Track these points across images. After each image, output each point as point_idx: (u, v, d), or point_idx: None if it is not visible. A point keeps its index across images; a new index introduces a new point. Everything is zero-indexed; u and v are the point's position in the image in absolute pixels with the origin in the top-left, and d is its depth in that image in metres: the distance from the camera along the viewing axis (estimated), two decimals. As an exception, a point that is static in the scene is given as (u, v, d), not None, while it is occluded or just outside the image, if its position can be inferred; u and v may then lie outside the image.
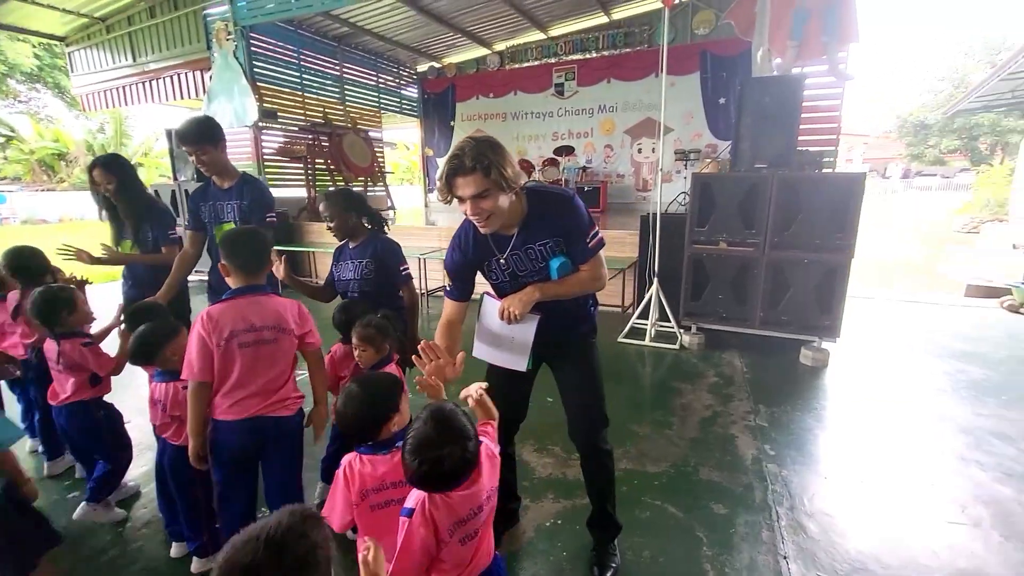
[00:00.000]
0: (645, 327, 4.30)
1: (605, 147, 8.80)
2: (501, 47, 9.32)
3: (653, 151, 8.37)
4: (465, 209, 1.44)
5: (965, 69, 27.61)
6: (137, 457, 2.25)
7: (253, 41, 6.74)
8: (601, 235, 1.60)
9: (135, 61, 7.58)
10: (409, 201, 13.69)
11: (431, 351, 1.42)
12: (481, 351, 1.70)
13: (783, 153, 3.78)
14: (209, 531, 1.82)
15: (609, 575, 1.77)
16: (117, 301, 2.45)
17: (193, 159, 2.42)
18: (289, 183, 7.63)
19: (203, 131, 2.37)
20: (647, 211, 4.57)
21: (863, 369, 3.73)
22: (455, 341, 1.61)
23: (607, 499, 1.83)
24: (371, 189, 8.87)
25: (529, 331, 1.59)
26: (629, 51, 8.31)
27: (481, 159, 1.34)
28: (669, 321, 4.24)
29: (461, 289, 1.68)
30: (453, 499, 1.08)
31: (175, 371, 1.73)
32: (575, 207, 1.55)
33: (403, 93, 10.02)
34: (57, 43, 8.25)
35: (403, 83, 9.98)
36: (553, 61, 8.94)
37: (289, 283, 2.29)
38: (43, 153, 18.98)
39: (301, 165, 7.62)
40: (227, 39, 6.50)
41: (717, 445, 2.67)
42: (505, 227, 1.53)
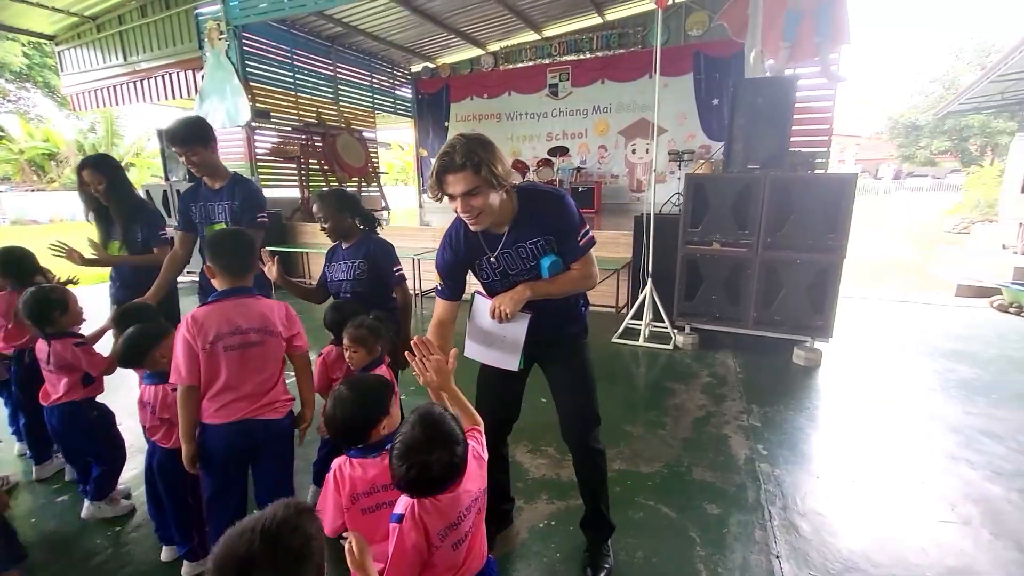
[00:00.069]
0: (639, 327, 4.31)
1: (599, 148, 8.82)
2: (495, 48, 9.33)
3: (647, 152, 8.40)
4: (456, 206, 1.43)
5: (956, 71, 27.96)
6: (128, 460, 2.23)
7: (246, 41, 6.71)
8: (592, 234, 1.60)
9: (126, 60, 7.52)
10: (403, 202, 13.65)
11: (424, 347, 1.41)
12: (473, 351, 1.69)
13: (776, 154, 3.80)
14: (199, 535, 1.80)
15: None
16: (106, 303, 2.43)
17: (183, 160, 2.40)
18: (282, 183, 7.59)
19: (192, 132, 2.35)
20: (641, 212, 4.58)
21: (855, 369, 3.75)
22: (447, 340, 1.61)
23: (600, 499, 1.82)
24: (365, 190, 8.84)
25: (520, 330, 1.59)
26: (623, 52, 8.34)
27: (472, 156, 1.34)
28: (663, 321, 4.25)
29: (452, 288, 1.67)
30: (442, 502, 1.07)
31: (164, 373, 1.71)
32: (566, 205, 1.55)
33: (397, 93, 10.00)
34: (47, 42, 8.18)
35: (397, 83, 9.96)
36: (547, 62, 8.96)
37: (282, 284, 2.28)
38: (33, 153, 18.74)
39: (294, 165, 7.57)
40: (219, 39, 6.46)
41: (710, 445, 2.68)
42: (496, 225, 1.53)
